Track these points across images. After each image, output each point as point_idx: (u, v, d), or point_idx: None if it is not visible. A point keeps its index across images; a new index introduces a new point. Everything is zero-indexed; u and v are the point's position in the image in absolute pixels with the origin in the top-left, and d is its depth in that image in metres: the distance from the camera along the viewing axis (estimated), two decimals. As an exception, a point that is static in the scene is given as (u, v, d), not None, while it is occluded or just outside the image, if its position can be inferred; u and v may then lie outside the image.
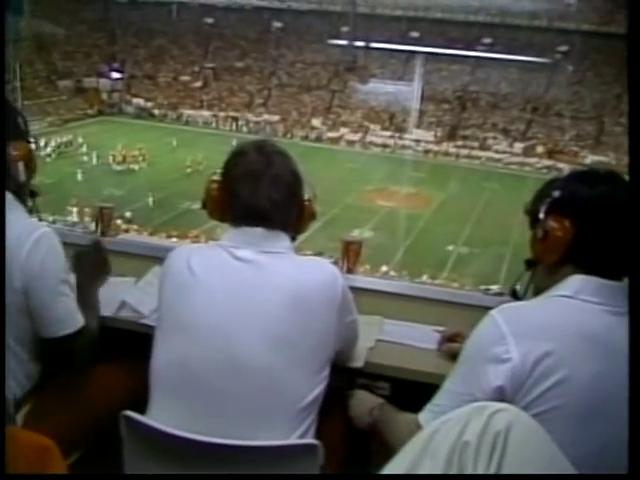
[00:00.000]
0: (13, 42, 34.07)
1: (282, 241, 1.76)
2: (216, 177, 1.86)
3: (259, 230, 1.73)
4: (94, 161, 27.77)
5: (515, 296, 1.80)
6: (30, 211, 2.05)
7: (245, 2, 40.03)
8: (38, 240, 1.81)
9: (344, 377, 1.98)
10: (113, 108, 37.44)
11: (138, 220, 19.72)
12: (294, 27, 39.42)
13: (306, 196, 1.89)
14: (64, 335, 1.88)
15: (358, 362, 2.04)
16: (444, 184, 27.38)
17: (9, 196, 1.87)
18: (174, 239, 16.16)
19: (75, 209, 19.73)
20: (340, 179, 25.92)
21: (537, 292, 1.69)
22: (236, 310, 1.63)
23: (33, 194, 2.10)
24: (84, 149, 28.80)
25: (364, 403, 1.89)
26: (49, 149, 28.25)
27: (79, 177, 25.68)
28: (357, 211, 23.23)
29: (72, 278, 1.99)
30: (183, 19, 41.29)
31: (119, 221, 19.89)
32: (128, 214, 20.15)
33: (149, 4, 41.08)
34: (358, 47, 37.48)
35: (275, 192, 1.75)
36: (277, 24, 40.33)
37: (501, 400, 1.41)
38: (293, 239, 1.85)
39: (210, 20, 40.98)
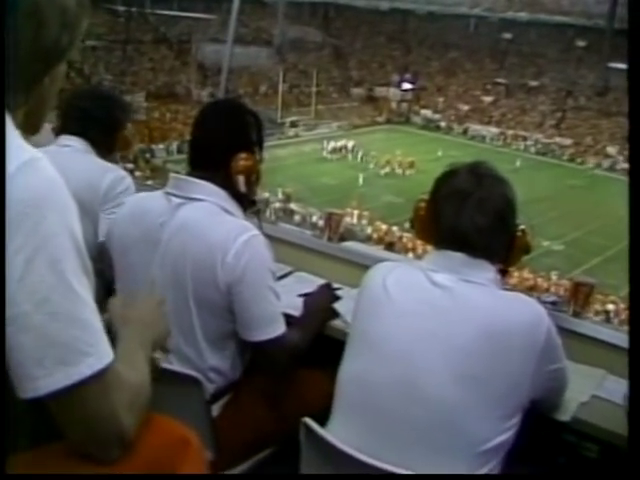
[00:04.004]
0: (315, 51, 36.64)
1: (485, 271, 1.64)
2: (425, 195, 1.77)
3: (460, 256, 1.63)
4: (375, 168, 28.89)
5: None
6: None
7: (548, 18, 38.83)
8: (246, 242, 1.84)
9: (546, 428, 1.80)
10: (400, 117, 38.90)
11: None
12: (599, 47, 37.26)
13: (521, 226, 1.74)
14: (262, 340, 1.90)
15: (563, 415, 1.82)
16: None
17: (225, 195, 1.94)
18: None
19: (356, 212, 20.76)
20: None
21: None
22: (423, 335, 1.56)
23: (252, 202, 2.13)
24: (365, 154, 30.13)
25: None
26: (328, 151, 30.59)
27: (360, 181, 26.84)
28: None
29: (276, 284, 1.99)
30: (480, 33, 41.38)
31: (395, 228, 20.45)
32: (407, 225, 20.49)
33: (447, 17, 41.80)
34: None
35: (480, 216, 1.63)
36: (581, 43, 38.53)
37: None
38: (503, 272, 1.73)
39: (508, 35, 40.49)
